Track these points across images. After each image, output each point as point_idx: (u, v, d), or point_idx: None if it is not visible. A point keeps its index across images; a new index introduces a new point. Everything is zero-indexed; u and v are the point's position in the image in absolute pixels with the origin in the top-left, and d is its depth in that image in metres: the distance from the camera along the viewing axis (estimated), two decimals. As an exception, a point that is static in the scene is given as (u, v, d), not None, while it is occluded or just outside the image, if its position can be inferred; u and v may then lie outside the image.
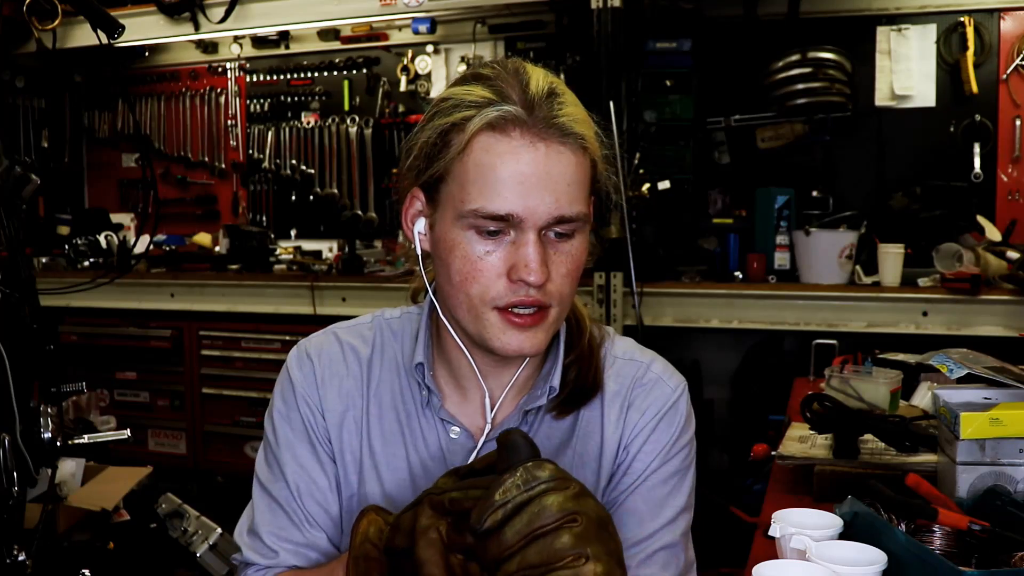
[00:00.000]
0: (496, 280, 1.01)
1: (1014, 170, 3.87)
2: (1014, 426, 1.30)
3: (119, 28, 2.02)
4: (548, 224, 1.00)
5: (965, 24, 3.82)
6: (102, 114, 5.43)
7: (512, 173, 0.98)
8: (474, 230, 1.01)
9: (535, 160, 0.99)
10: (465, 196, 1.00)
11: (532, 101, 1.00)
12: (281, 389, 1.18)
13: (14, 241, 1.67)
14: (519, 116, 0.99)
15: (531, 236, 0.99)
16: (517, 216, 0.99)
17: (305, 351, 1.19)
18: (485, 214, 0.99)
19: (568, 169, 1.00)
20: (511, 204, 0.98)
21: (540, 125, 0.99)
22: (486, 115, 0.99)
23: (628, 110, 3.67)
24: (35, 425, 1.65)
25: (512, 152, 0.98)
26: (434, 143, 1.03)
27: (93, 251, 4.68)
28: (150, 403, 4.64)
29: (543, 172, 0.99)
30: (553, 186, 0.99)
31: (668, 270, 3.72)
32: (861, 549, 1.11)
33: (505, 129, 0.99)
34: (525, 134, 0.99)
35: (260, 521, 1.15)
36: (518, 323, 1.03)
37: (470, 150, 1.00)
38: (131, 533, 2.53)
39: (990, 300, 3.28)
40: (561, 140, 1.00)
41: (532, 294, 1.01)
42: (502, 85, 1.01)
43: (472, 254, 1.01)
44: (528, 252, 0.99)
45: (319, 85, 4.98)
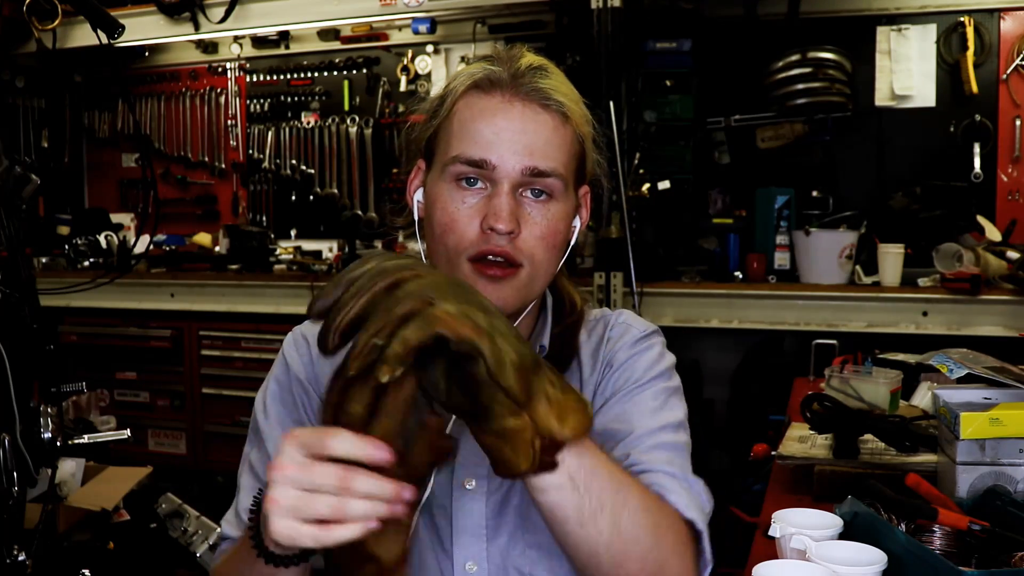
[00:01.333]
0: (468, 228, 1.06)
1: (1014, 170, 3.87)
2: (1014, 426, 1.30)
3: (119, 28, 2.02)
4: (522, 177, 1.06)
5: (965, 24, 3.82)
6: (102, 114, 5.43)
7: (490, 125, 1.06)
8: (454, 182, 1.07)
9: (510, 116, 1.06)
10: (448, 148, 1.08)
11: (518, 70, 1.08)
12: (276, 372, 1.20)
13: (14, 241, 1.67)
14: (502, 77, 1.07)
15: (504, 187, 1.05)
16: (490, 163, 1.05)
17: (301, 334, 1.21)
18: (463, 159, 1.06)
19: (544, 129, 1.07)
20: (485, 151, 1.05)
21: (522, 89, 1.07)
22: (472, 75, 1.09)
23: (628, 110, 3.67)
24: (35, 425, 1.65)
25: (491, 108, 1.07)
26: (432, 110, 1.13)
27: (93, 251, 4.68)
28: (150, 403, 4.64)
29: (519, 127, 1.06)
30: (528, 141, 1.06)
31: (668, 270, 3.73)
32: (861, 549, 1.11)
33: (488, 89, 1.07)
34: (505, 94, 1.07)
35: (243, 501, 1.15)
36: (488, 274, 1.06)
37: (457, 108, 1.09)
38: (131, 533, 2.53)
39: (990, 300, 3.28)
40: (541, 103, 1.07)
41: (501, 243, 1.05)
42: (495, 58, 1.11)
43: (450, 204, 1.07)
44: (499, 202, 1.05)
45: (319, 85, 4.98)
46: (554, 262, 1.11)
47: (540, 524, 1.12)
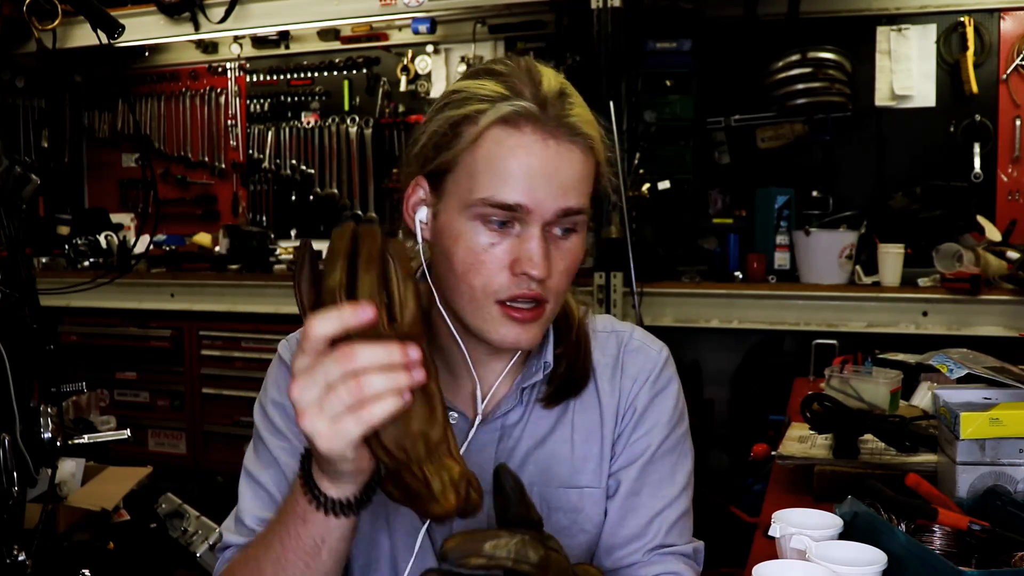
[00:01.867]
0: (499, 272, 1.03)
1: (1014, 170, 3.87)
2: (1014, 426, 1.30)
3: (119, 28, 2.02)
4: (553, 218, 1.03)
5: (965, 24, 3.82)
6: (102, 114, 5.43)
7: (522, 165, 1.01)
8: (480, 220, 1.02)
9: (545, 155, 1.01)
10: (474, 185, 1.02)
11: (544, 99, 1.02)
12: (275, 378, 1.18)
13: (14, 241, 1.67)
14: (532, 112, 1.01)
15: (535, 230, 1.02)
16: (525, 207, 1.01)
17: (296, 340, 1.18)
18: (494, 203, 1.01)
19: (575, 167, 1.03)
20: (519, 195, 1.00)
21: (551, 123, 1.02)
22: (500, 109, 1.01)
23: (628, 110, 3.67)
24: (35, 425, 1.65)
25: (523, 146, 1.01)
26: (444, 133, 1.04)
27: (93, 251, 4.68)
28: (150, 403, 4.64)
29: (552, 167, 1.01)
30: (560, 181, 1.02)
31: (668, 270, 3.72)
32: (861, 549, 1.11)
33: (518, 124, 1.01)
34: (537, 130, 1.01)
35: (245, 508, 1.15)
36: (517, 317, 1.04)
37: (482, 142, 1.02)
38: (131, 533, 2.53)
39: (990, 300, 3.28)
40: (571, 139, 1.03)
41: (533, 288, 1.03)
42: (515, 81, 1.03)
43: (477, 245, 1.02)
44: (533, 246, 1.01)
45: (319, 85, 4.98)
46: (570, 286, 1.11)
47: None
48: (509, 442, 1.15)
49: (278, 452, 1.14)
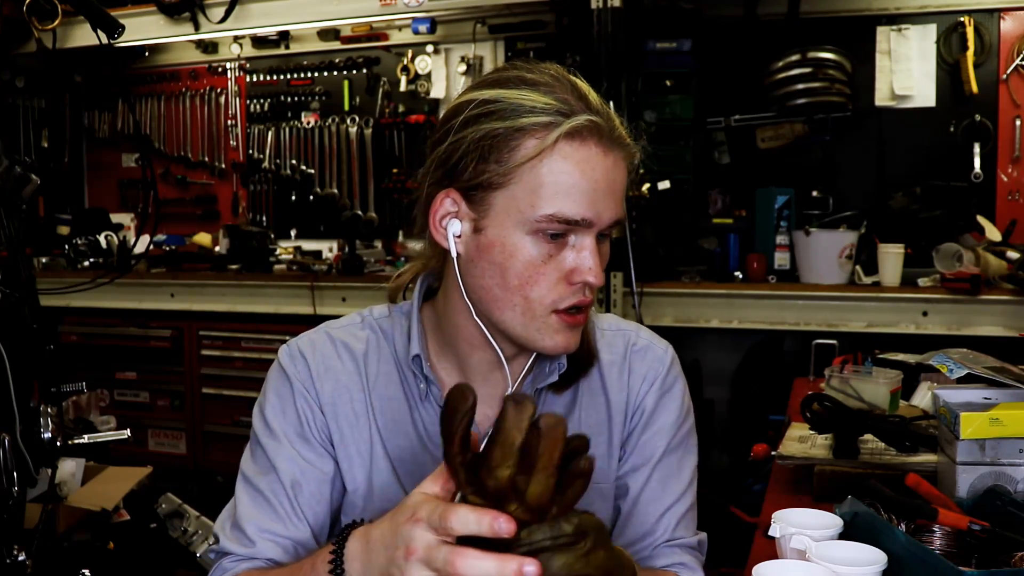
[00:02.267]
0: (557, 283, 1.05)
1: (1014, 170, 3.87)
2: (1014, 426, 1.30)
3: (119, 28, 2.02)
4: (607, 228, 1.06)
5: (965, 24, 3.82)
6: (102, 114, 5.43)
7: (589, 180, 1.02)
8: (539, 235, 1.03)
9: (607, 169, 1.03)
10: (537, 201, 1.01)
11: (599, 111, 1.04)
12: (275, 385, 1.18)
13: (14, 241, 1.67)
14: (600, 126, 1.02)
15: (590, 241, 1.05)
16: (588, 220, 1.03)
17: (297, 348, 1.19)
18: (561, 218, 1.02)
19: (624, 177, 1.07)
20: (586, 209, 1.02)
21: (608, 136, 1.03)
22: (571, 122, 1.01)
23: (628, 110, 3.67)
24: (35, 425, 1.65)
25: (590, 160, 1.02)
26: (489, 146, 1.02)
27: (93, 251, 4.68)
28: (150, 403, 4.64)
29: (611, 180, 1.04)
30: (616, 193, 1.05)
31: (668, 270, 3.72)
32: (861, 549, 1.11)
33: (584, 138, 1.02)
34: (600, 143, 1.03)
35: (243, 514, 1.14)
36: (572, 323, 1.07)
37: (548, 156, 1.01)
38: (131, 533, 2.53)
39: (990, 300, 3.28)
40: (622, 150, 1.06)
41: (588, 294, 1.07)
42: (565, 95, 1.03)
43: (535, 258, 1.04)
44: (590, 258, 1.04)
45: (319, 85, 4.98)
46: None
47: None
48: None
49: (276, 459, 1.14)
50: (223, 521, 1.17)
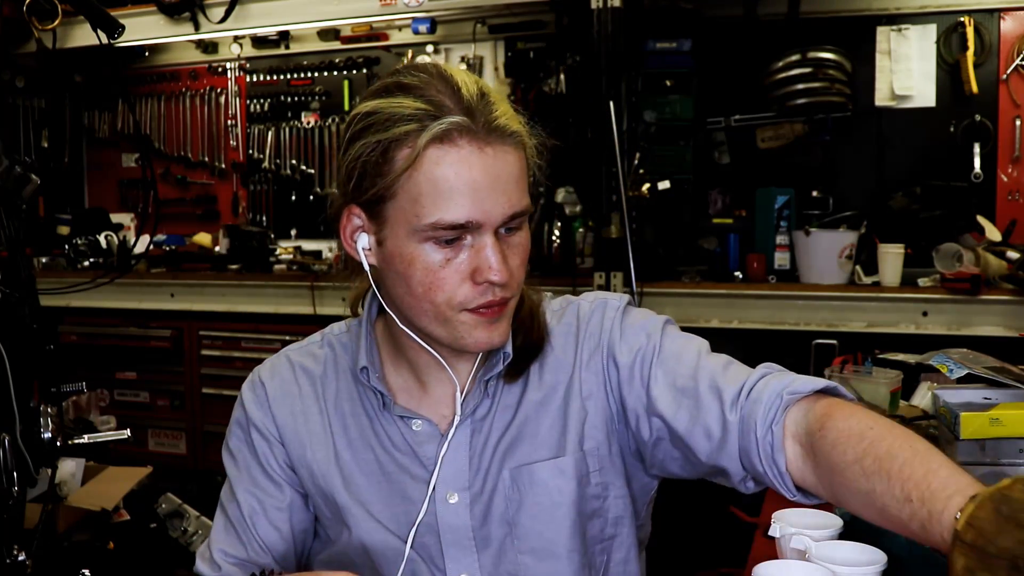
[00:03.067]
0: (460, 285, 1.04)
1: (1014, 170, 3.87)
2: (1014, 426, 1.30)
3: (119, 28, 2.02)
4: (503, 224, 1.03)
5: (965, 24, 3.82)
6: (102, 114, 5.43)
7: (466, 181, 1.00)
8: (432, 241, 1.02)
9: (484, 165, 1.00)
10: (420, 211, 1.01)
11: (469, 106, 1.00)
12: (236, 417, 1.24)
13: (14, 241, 1.67)
14: (464, 124, 0.99)
15: (488, 239, 1.02)
16: (475, 222, 1.01)
17: (258, 376, 1.23)
18: (444, 225, 1.00)
19: (513, 168, 1.03)
20: (469, 211, 1.00)
21: (483, 130, 1.00)
22: (433, 128, 0.99)
23: (628, 110, 3.67)
24: (35, 425, 1.65)
25: (463, 160, 1.00)
26: (373, 161, 1.02)
27: (93, 251, 4.68)
28: (150, 403, 4.64)
29: (493, 175, 1.01)
30: (503, 187, 1.02)
31: (668, 270, 3.72)
32: (861, 549, 1.11)
33: (452, 139, 0.99)
34: (472, 141, 1.00)
35: (214, 538, 1.22)
36: (487, 315, 1.05)
37: (419, 165, 1.00)
38: (131, 533, 2.53)
39: (990, 300, 3.27)
40: (503, 141, 1.02)
41: (498, 293, 1.05)
42: (434, 94, 1.01)
43: (433, 264, 1.03)
44: (489, 255, 1.02)
45: (319, 85, 4.98)
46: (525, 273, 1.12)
47: (530, 530, 1.13)
48: (481, 436, 1.16)
49: (237, 489, 1.22)
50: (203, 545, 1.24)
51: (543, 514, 1.14)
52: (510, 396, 1.18)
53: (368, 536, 1.15)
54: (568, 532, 1.14)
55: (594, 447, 1.17)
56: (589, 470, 1.16)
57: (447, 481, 1.14)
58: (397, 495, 1.15)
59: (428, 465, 1.15)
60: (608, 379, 1.17)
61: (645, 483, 1.24)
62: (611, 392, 1.17)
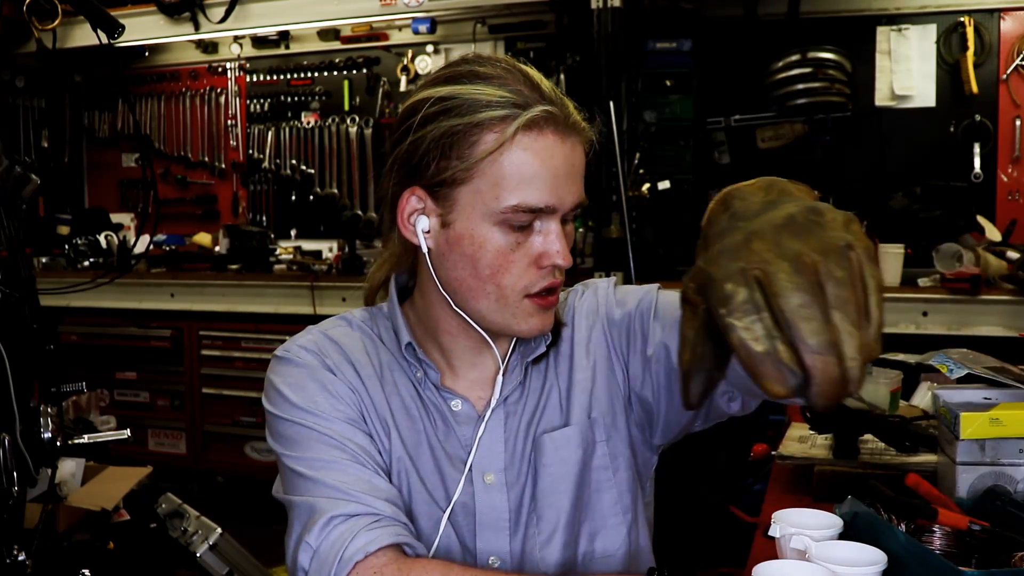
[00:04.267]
0: (527, 269, 1.08)
1: (1014, 170, 3.87)
2: (1014, 426, 1.30)
3: (119, 28, 2.02)
4: (570, 212, 1.09)
5: (965, 24, 3.82)
6: (102, 114, 5.43)
7: (550, 168, 1.05)
8: (506, 225, 1.06)
9: (565, 155, 1.07)
10: (500, 193, 1.05)
11: (552, 100, 1.07)
12: (287, 375, 1.14)
13: (14, 241, 1.67)
14: (555, 114, 1.06)
15: (555, 225, 1.08)
16: (552, 207, 1.06)
17: (297, 346, 1.17)
18: (524, 208, 1.05)
19: (582, 161, 1.10)
20: (548, 197, 1.05)
21: (564, 123, 1.07)
22: (525, 116, 1.04)
23: (628, 110, 3.67)
24: (35, 425, 1.65)
25: (548, 148, 1.05)
26: (450, 143, 1.05)
27: (93, 251, 4.68)
28: (150, 403, 4.64)
29: (570, 165, 1.07)
30: (576, 177, 1.09)
31: (668, 270, 3.72)
32: (861, 549, 1.11)
33: (542, 128, 1.05)
34: (558, 131, 1.06)
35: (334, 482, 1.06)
36: (545, 305, 1.11)
37: (507, 148, 1.04)
38: (131, 533, 2.53)
39: (990, 300, 3.27)
40: (578, 135, 1.09)
41: (558, 276, 1.10)
42: (519, 86, 1.06)
43: (504, 247, 1.07)
44: (558, 242, 1.07)
45: (319, 85, 4.98)
46: None
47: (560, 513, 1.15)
48: (515, 420, 1.18)
49: (329, 429, 1.10)
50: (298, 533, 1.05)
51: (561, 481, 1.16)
52: (536, 380, 1.21)
53: (415, 500, 1.14)
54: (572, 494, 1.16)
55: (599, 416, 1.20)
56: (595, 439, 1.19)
57: (483, 463, 1.16)
58: (436, 469, 1.16)
59: (465, 444, 1.16)
60: (612, 347, 1.22)
61: (648, 458, 1.27)
62: (616, 356, 1.21)
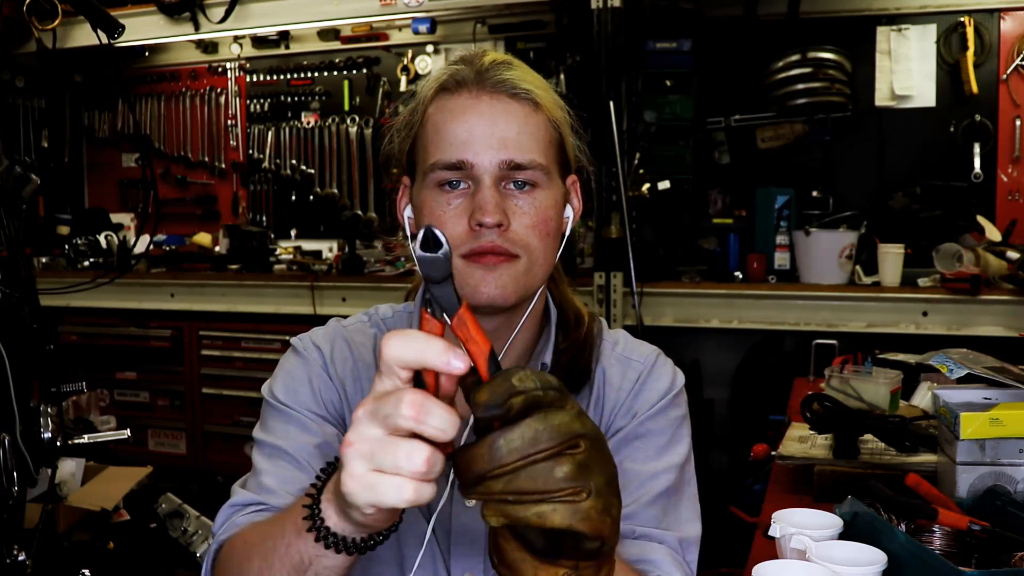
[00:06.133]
0: (457, 227, 1.06)
1: (1014, 170, 3.87)
2: (1014, 426, 1.30)
3: (119, 28, 2.02)
4: (501, 171, 1.05)
5: (965, 24, 3.82)
6: (102, 114, 5.43)
7: (460, 125, 1.06)
8: (437, 187, 1.07)
9: (480, 111, 1.06)
10: (427, 155, 1.08)
11: (482, 67, 1.08)
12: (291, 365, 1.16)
13: (14, 241, 1.67)
14: (467, 76, 1.07)
15: (486, 182, 1.05)
16: (468, 162, 1.05)
17: (311, 340, 1.19)
18: (442, 165, 1.06)
19: (516, 120, 1.07)
20: (461, 152, 1.05)
21: (487, 84, 1.07)
22: (438, 78, 1.09)
23: (628, 110, 3.67)
24: (35, 425, 1.65)
25: (460, 106, 1.07)
26: (405, 124, 1.13)
27: (93, 251, 4.68)
28: (150, 403, 4.65)
29: (488, 121, 1.06)
30: (500, 134, 1.05)
31: (668, 270, 3.72)
32: (861, 549, 1.11)
33: (455, 89, 1.08)
34: (472, 90, 1.07)
35: (262, 469, 1.10)
36: (483, 262, 1.05)
37: (427, 114, 1.09)
38: (131, 533, 2.53)
39: (990, 300, 3.28)
40: (509, 95, 1.07)
41: (493, 239, 1.05)
42: (460, 60, 1.11)
43: (437, 208, 1.07)
44: (482, 196, 1.04)
45: (319, 85, 4.98)
46: (551, 251, 1.10)
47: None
48: None
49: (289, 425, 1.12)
50: (236, 485, 1.13)
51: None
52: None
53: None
54: None
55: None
56: None
57: None
58: None
59: None
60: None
61: None
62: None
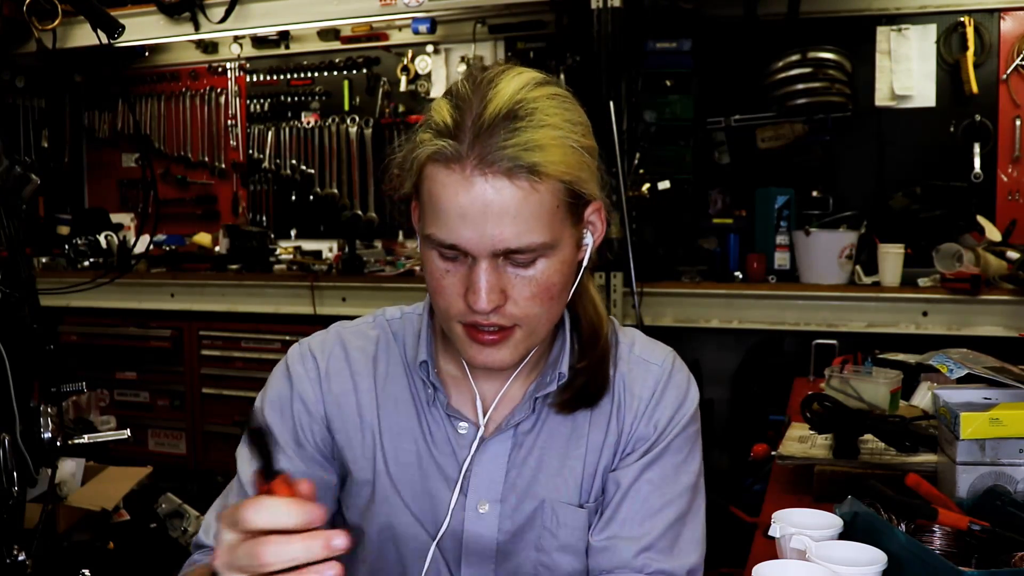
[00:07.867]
0: (455, 300, 1.02)
1: (1014, 170, 3.87)
2: (1014, 426, 1.30)
3: (119, 28, 2.02)
4: (497, 255, 0.99)
5: (965, 24, 3.82)
6: (102, 114, 5.43)
7: (453, 206, 0.97)
8: (435, 249, 1.02)
9: (472, 197, 0.96)
10: (424, 220, 1.02)
11: (480, 130, 0.96)
12: (278, 384, 1.17)
13: (14, 241, 1.67)
14: (458, 152, 0.96)
15: (482, 264, 0.99)
16: (461, 247, 0.99)
17: (308, 348, 1.18)
18: (436, 241, 1.00)
19: (512, 202, 0.96)
20: (455, 236, 0.98)
21: (483, 161, 0.95)
22: (431, 147, 0.98)
23: (628, 110, 3.67)
24: (35, 425, 1.65)
25: (452, 185, 0.97)
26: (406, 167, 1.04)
27: (93, 251, 4.68)
28: (150, 403, 4.64)
29: (480, 207, 0.96)
30: (495, 220, 0.96)
31: (668, 270, 3.72)
32: (861, 549, 1.11)
33: (447, 162, 0.97)
34: (464, 168, 0.96)
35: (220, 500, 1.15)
36: (480, 339, 1.03)
37: (424, 176, 1.01)
38: (131, 533, 2.53)
39: (990, 300, 3.28)
40: (507, 173, 0.95)
41: (490, 318, 1.01)
42: (462, 107, 0.98)
43: (436, 272, 1.03)
44: (476, 279, 0.99)
45: (319, 85, 4.98)
46: (556, 308, 1.06)
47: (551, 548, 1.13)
48: (522, 451, 1.13)
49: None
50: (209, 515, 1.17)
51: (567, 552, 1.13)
52: (562, 425, 1.14)
53: (399, 523, 1.13)
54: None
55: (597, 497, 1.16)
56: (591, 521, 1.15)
57: (479, 490, 1.12)
58: (426, 492, 1.13)
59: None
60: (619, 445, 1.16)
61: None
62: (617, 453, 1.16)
